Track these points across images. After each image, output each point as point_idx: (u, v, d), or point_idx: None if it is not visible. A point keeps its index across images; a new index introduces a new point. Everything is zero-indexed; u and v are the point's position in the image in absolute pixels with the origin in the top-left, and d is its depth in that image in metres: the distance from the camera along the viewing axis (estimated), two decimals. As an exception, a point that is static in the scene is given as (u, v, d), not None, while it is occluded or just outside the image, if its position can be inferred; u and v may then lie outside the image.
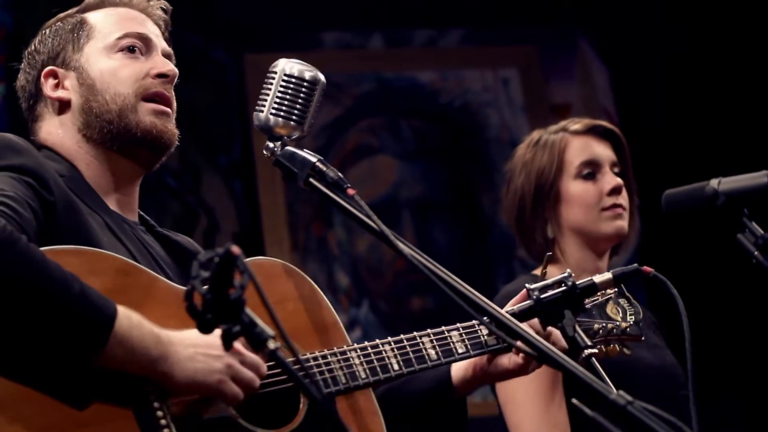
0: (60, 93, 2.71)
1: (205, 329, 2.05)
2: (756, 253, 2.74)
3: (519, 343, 2.28)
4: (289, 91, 2.51)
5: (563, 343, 2.69)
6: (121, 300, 2.27)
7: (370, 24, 6.41)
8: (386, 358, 2.55)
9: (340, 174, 2.44)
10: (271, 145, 2.52)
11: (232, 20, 5.98)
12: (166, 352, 2.26)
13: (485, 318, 2.30)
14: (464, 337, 2.65)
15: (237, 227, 5.98)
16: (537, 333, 2.64)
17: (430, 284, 2.27)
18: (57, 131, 2.70)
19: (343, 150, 6.25)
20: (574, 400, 2.75)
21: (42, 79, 2.73)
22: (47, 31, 2.79)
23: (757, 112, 6.34)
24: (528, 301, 2.73)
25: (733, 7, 6.38)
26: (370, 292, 6.14)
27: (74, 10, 2.80)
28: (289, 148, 2.50)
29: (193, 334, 2.25)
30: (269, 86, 2.53)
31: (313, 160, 2.47)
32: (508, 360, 2.70)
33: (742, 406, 6.22)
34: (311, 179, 2.46)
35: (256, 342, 2.02)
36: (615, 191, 3.65)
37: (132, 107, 2.66)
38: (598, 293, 2.78)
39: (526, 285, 2.76)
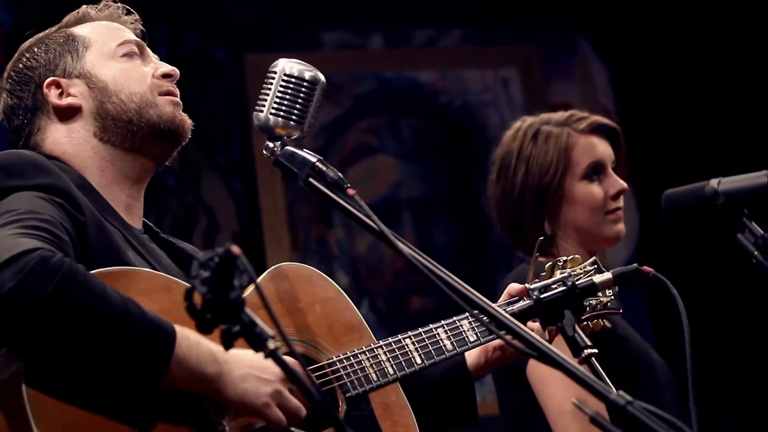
0: (69, 100, 2.69)
1: (205, 329, 2.05)
2: (756, 253, 2.74)
3: (518, 343, 2.28)
4: (289, 91, 2.51)
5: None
6: (171, 317, 2.30)
7: (370, 24, 6.41)
8: (409, 353, 2.64)
9: (339, 174, 2.44)
10: (270, 144, 2.51)
11: (232, 20, 5.98)
12: (221, 370, 2.31)
13: (485, 318, 2.29)
14: (473, 325, 2.73)
15: (237, 227, 5.98)
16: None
17: (430, 284, 2.27)
18: (66, 139, 2.67)
19: (342, 150, 6.25)
20: (573, 400, 2.76)
21: (45, 89, 2.70)
22: (35, 48, 2.76)
23: (757, 112, 6.34)
24: (528, 301, 2.74)
25: (734, 7, 6.39)
26: (370, 291, 6.14)
27: (54, 28, 2.80)
28: (288, 148, 2.50)
29: (249, 355, 2.32)
30: (269, 86, 2.53)
31: (313, 159, 2.46)
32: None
33: (741, 405, 6.22)
34: (311, 179, 2.45)
35: (256, 342, 2.02)
36: (619, 195, 3.64)
37: (151, 102, 2.68)
38: (580, 271, 2.81)
39: (526, 285, 2.77)
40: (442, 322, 2.72)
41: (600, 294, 2.83)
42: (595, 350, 2.71)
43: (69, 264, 2.21)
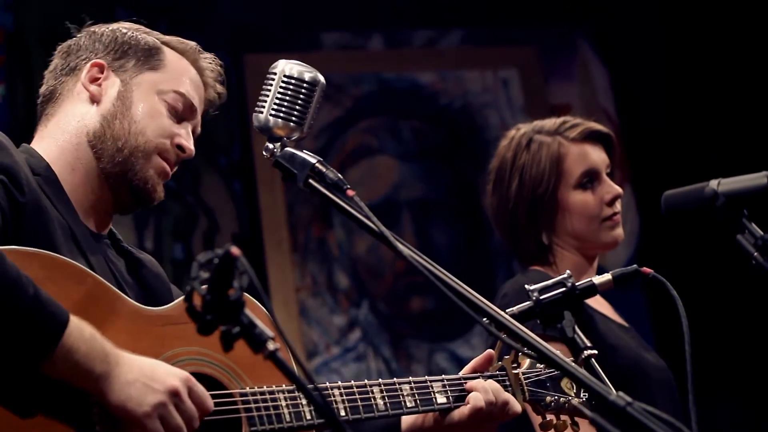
0: (93, 88, 2.66)
1: (205, 330, 2.05)
2: (755, 254, 2.73)
3: (517, 345, 2.28)
4: (289, 92, 2.51)
5: (517, 408, 2.71)
6: (76, 309, 2.25)
7: (370, 25, 6.41)
8: (334, 402, 2.54)
9: (339, 175, 2.44)
10: (270, 145, 2.51)
11: (232, 21, 5.98)
12: (109, 372, 2.24)
13: (484, 319, 2.29)
14: (414, 390, 2.65)
15: (237, 228, 5.98)
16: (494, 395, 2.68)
17: (430, 285, 2.27)
18: (66, 124, 2.63)
19: (342, 151, 6.25)
20: (573, 400, 2.76)
21: (89, 65, 2.67)
22: (124, 30, 2.73)
23: (757, 112, 6.34)
24: (527, 302, 2.73)
25: (734, 6, 6.39)
26: (370, 292, 6.13)
27: (157, 35, 2.75)
28: (288, 149, 2.50)
29: (144, 362, 2.26)
30: (269, 87, 2.53)
31: (313, 161, 2.46)
32: (459, 415, 2.69)
33: (741, 406, 6.22)
34: (311, 180, 2.45)
35: (256, 343, 2.02)
36: (614, 201, 3.63)
37: (146, 154, 2.64)
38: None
39: (526, 285, 2.77)
40: (380, 381, 2.62)
41: (573, 395, 2.79)
42: (595, 351, 2.71)
43: None
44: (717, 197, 2.81)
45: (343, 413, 2.54)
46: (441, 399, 2.68)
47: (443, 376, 2.72)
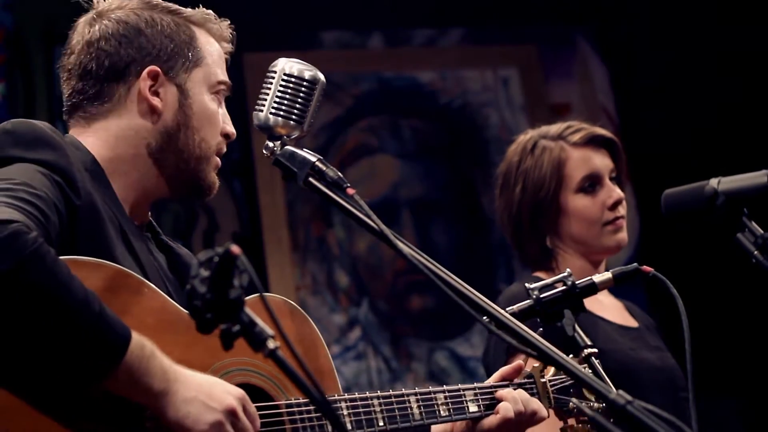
0: (156, 101, 2.60)
1: (205, 329, 2.05)
2: (756, 252, 2.73)
3: (517, 344, 2.28)
4: (289, 91, 2.51)
5: (544, 414, 2.72)
6: (133, 320, 2.25)
7: (369, 23, 6.41)
8: (373, 413, 2.55)
9: (339, 173, 2.43)
10: (270, 144, 2.51)
11: (231, 20, 5.97)
12: (168, 389, 2.25)
13: (485, 318, 2.29)
14: (448, 399, 2.67)
15: (237, 227, 5.98)
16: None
17: (430, 284, 2.27)
18: (119, 131, 2.59)
19: (342, 149, 6.26)
20: (573, 401, 2.76)
21: (144, 74, 2.60)
22: (158, 19, 2.65)
23: (757, 112, 6.34)
24: (528, 301, 2.73)
25: (734, 6, 6.39)
26: (370, 291, 6.14)
27: (180, 16, 2.69)
28: (288, 147, 2.50)
29: (201, 380, 2.28)
30: (269, 85, 2.53)
31: (313, 159, 2.46)
32: (488, 424, 2.71)
33: (741, 406, 6.22)
34: (311, 179, 2.45)
35: (256, 342, 2.02)
36: (616, 205, 3.63)
37: (209, 160, 2.65)
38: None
39: (526, 285, 2.77)
40: (416, 389, 2.65)
41: (594, 400, 2.79)
42: (595, 350, 2.71)
43: (40, 245, 2.15)
44: (717, 196, 2.81)
45: (381, 423, 2.56)
46: (473, 408, 2.70)
47: (475, 384, 2.74)
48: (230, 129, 2.72)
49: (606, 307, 3.67)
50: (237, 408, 2.28)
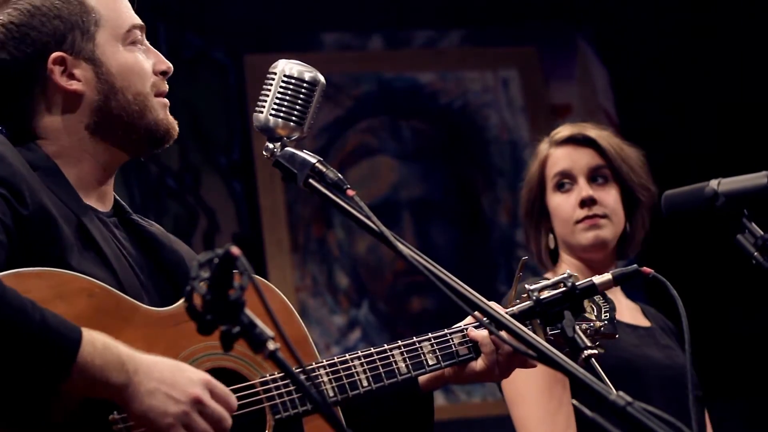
0: (75, 85, 2.53)
1: (205, 330, 2.05)
2: (756, 253, 2.73)
3: (518, 344, 2.28)
4: (289, 92, 2.51)
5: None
6: (89, 323, 2.22)
7: (369, 25, 6.41)
8: (355, 374, 2.53)
9: (339, 175, 2.43)
10: (270, 145, 2.51)
11: (232, 20, 5.98)
12: (127, 381, 2.21)
13: (485, 319, 2.29)
14: (435, 347, 2.64)
15: (237, 228, 5.98)
16: None
17: (430, 285, 2.27)
18: (56, 125, 2.54)
19: (343, 150, 6.26)
20: (573, 401, 2.75)
21: (50, 65, 2.51)
22: (39, 5, 2.53)
23: (757, 112, 6.34)
24: (528, 302, 2.73)
25: (734, 6, 6.39)
26: (370, 292, 6.14)
27: None
28: (288, 148, 2.50)
29: (162, 368, 2.23)
30: (269, 87, 2.53)
31: (313, 160, 2.46)
32: (477, 365, 2.69)
33: (741, 407, 6.22)
34: (311, 180, 2.45)
35: (256, 343, 2.02)
36: (585, 203, 3.63)
37: (150, 106, 2.58)
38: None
39: (526, 285, 2.76)
40: (400, 342, 2.62)
41: (594, 317, 2.80)
42: (595, 351, 2.70)
43: None
44: (717, 197, 2.81)
45: (366, 384, 2.53)
46: (463, 351, 2.67)
47: (460, 325, 2.70)
48: (161, 66, 2.62)
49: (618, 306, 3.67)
50: (202, 396, 2.24)
